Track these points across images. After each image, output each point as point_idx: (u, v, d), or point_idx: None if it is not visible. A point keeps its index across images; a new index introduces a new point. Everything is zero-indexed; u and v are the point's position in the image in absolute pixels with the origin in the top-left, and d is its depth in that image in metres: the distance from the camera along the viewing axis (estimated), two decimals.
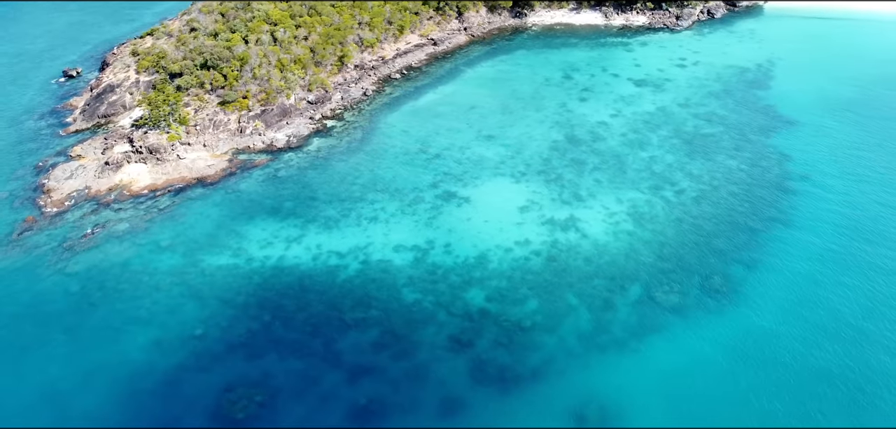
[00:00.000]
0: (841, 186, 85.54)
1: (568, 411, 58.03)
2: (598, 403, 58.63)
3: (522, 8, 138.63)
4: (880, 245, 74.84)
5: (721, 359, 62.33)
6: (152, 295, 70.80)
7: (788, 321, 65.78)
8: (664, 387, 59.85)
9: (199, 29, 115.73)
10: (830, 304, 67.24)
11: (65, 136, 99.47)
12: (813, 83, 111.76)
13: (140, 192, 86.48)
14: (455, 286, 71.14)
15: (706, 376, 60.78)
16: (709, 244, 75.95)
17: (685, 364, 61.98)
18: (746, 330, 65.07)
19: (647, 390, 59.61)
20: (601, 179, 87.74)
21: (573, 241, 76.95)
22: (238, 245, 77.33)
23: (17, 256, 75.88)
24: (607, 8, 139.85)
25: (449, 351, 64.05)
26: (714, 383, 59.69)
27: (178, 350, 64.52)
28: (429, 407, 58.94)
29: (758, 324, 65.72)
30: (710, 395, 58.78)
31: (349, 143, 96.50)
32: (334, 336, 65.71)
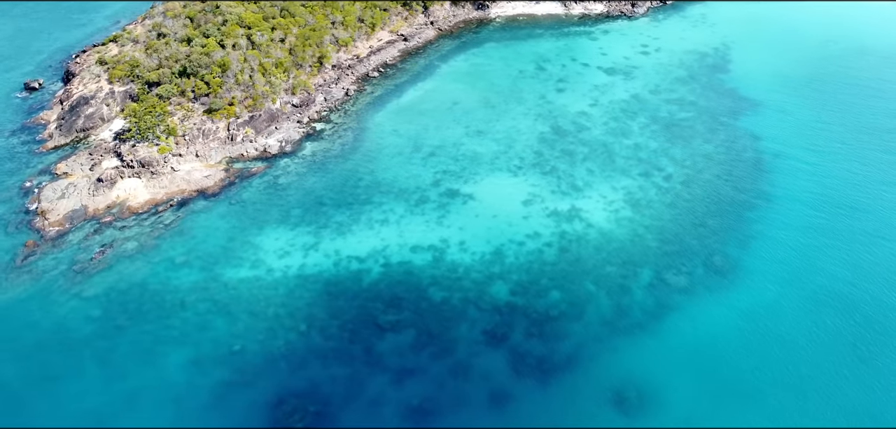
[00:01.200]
0: (810, 160, 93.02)
1: (608, 394, 62.29)
2: (634, 383, 63.03)
3: (485, 0, 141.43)
4: (856, 211, 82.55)
5: (734, 334, 67.97)
6: (179, 313, 70.80)
7: (787, 294, 71.99)
8: (690, 363, 64.88)
9: (169, 35, 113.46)
10: (820, 273, 73.85)
11: (43, 153, 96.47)
12: (768, 64, 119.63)
13: (140, 208, 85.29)
14: (478, 283, 74.09)
15: (724, 349, 66.22)
16: (704, 225, 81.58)
17: (704, 340, 67.19)
18: (752, 305, 70.91)
19: (675, 368, 64.52)
20: (593, 169, 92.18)
21: (580, 231, 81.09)
22: (255, 256, 77.79)
23: (26, 283, 74.15)
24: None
25: (485, 346, 67.10)
26: (733, 355, 65.26)
27: (219, 367, 65.12)
28: (478, 402, 61.92)
29: (761, 299, 71.69)
30: (731, 367, 64.29)
31: (342, 145, 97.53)
32: (372, 340, 67.68)
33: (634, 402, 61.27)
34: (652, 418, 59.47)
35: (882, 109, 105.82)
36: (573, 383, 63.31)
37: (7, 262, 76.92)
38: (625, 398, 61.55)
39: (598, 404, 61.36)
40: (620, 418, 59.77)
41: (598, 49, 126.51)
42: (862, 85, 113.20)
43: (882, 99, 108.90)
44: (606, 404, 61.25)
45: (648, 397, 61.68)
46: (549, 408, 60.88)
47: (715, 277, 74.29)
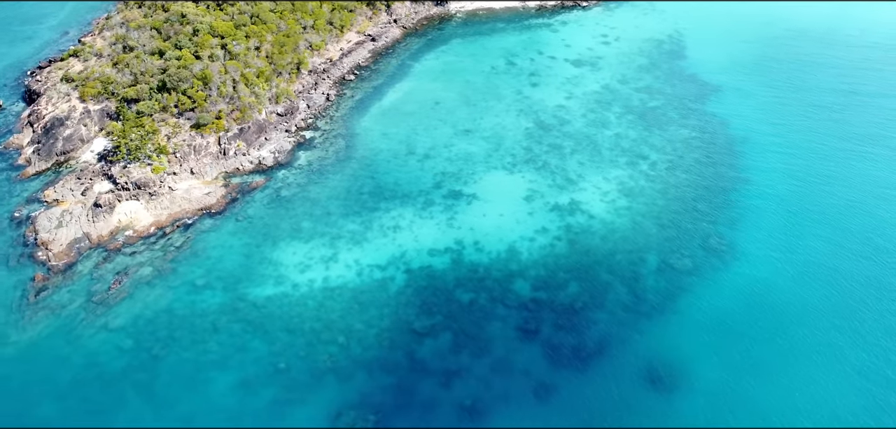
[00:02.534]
0: (777, 138, 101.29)
1: (642, 374, 67.46)
2: (663, 361, 68.43)
3: None
4: (828, 182, 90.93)
5: (741, 309, 74.40)
6: (213, 337, 71.31)
7: (779, 269, 79.12)
8: (708, 339, 70.90)
9: (137, 47, 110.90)
10: (805, 247, 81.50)
11: (25, 180, 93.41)
12: (719, 49, 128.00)
13: (146, 231, 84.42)
14: (500, 281, 77.80)
15: (735, 324, 72.55)
16: (695, 209, 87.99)
17: (716, 317, 73.34)
18: (751, 281, 77.73)
19: (696, 344, 70.42)
20: (583, 161, 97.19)
21: (584, 223, 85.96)
22: (276, 273, 78.73)
23: (46, 319, 72.73)
24: None
25: (520, 341, 70.99)
26: (744, 328, 71.59)
27: (268, 387, 66.38)
28: (526, 396, 65.84)
29: (758, 275, 78.53)
30: (744, 339, 70.57)
31: (336, 153, 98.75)
32: (412, 346, 70.39)
33: (667, 379, 66.47)
34: (686, 393, 64.80)
35: (826, 85, 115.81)
36: (608, 367, 67.93)
37: (18, 299, 74.99)
38: (658, 376, 66.65)
39: (634, 384, 66.21)
40: (658, 396, 64.67)
41: (560, 41, 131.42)
42: (805, 64, 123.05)
43: (824, 76, 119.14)
44: (642, 384, 66.23)
45: (678, 373, 67.05)
46: (592, 394, 65.27)
47: (714, 257, 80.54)
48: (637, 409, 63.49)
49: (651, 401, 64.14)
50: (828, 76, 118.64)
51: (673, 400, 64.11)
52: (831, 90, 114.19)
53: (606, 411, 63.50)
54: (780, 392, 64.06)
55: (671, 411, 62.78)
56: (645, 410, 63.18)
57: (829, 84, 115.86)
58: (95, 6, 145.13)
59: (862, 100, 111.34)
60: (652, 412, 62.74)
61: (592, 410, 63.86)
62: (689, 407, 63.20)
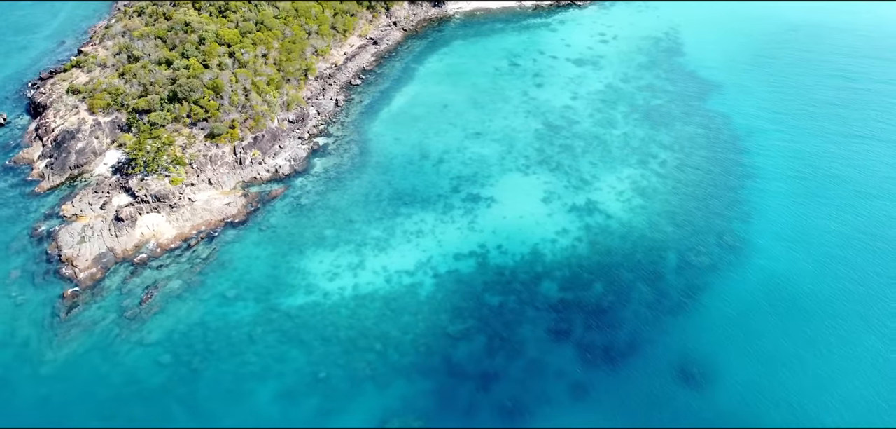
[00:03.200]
0: (779, 133, 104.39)
1: (674, 371, 69.75)
2: (693, 358, 70.78)
3: None
4: (832, 176, 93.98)
5: (762, 303, 77.09)
6: (251, 348, 72.15)
7: (795, 263, 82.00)
8: (733, 334, 73.37)
9: (142, 57, 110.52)
10: (817, 240, 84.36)
11: (40, 195, 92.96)
12: (716, 46, 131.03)
13: (170, 244, 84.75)
14: (527, 283, 79.62)
15: (758, 318, 75.13)
16: (708, 207, 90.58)
17: (739, 312, 75.98)
18: (769, 276, 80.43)
19: (723, 340, 72.84)
20: (594, 161, 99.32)
21: (602, 223, 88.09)
22: (306, 282, 79.67)
23: (79, 336, 72.92)
24: None
25: (552, 343, 72.94)
26: (766, 323, 74.14)
27: (310, 397, 67.52)
28: (561, 396, 67.81)
29: (775, 269, 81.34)
30: (767, 333, 73.09)
31: (351, 159, 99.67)
32: (448, 350, 71.93)
33: (699, 376, 68.87)
34: (719, 388, 67.23)
35: (823, 78, 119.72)
36: (640, 366, 70.13)
37: (50, 316, 74.98)
38: (690, 373, 69.02)
39: (667, 381, 68.48)
40: (692, 392, 67.04)
41: (560, 40, 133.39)
42: (800, 59, 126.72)
43: (819, 71, 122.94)
44: (675, 381, 68.51)
45: (709, 369, 69.51)
46: (627, 393, 67.41)
47: (730, 253, 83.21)
48: (673, 406, 65.67)
49: (686, 398, 66.36)
50: (823, 71, 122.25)
51: (707, 396, 66.39)
52: (828, 83, 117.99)
53: (643, 409, 65.56)
54: (812, 384, 66.77)
55: (707, 408, 65.12)
56: (681, 407, 65.41)
57: (824, 79, 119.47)
58: (89, 14, 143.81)
59: (858, 91, 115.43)
60: (688, 409, 65.02)
61: (629, 408, 65.89)
62: (725, 402, 65.60)
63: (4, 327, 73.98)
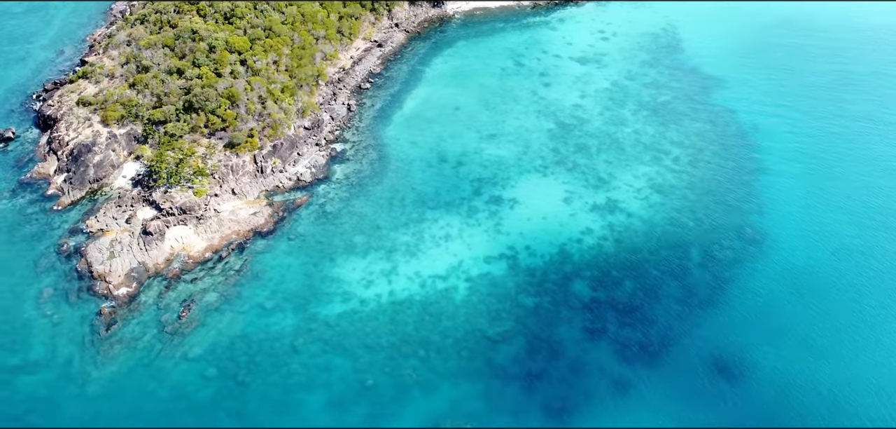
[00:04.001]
0: (785, 126, 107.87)
1: (710, 364, 72.38)
2: (726, 351, 73.41)
3: None
4: (839, 164, 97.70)
5: (787, 294, 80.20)
6: (295, 358, 73.12)
7: (814, 253, 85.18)
8: (762, 324, 76.19)
9: (152, 66, 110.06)
10: (832, 229, 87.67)
11: (61, 211, 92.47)
12: (713, 40, 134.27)
13: (202, 256, 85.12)
14: (559, 284, 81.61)
15: (785, 308, 78.02)
16: (724, 201, 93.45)
17: (766, 303, 78.88)
18: (790, 267, 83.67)
19: (753, 330, 75.73)
20: (610, 160, 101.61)
21: (624, 221, 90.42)
22: (341, 290, 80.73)
23: (122, 353, 73.24)
24: None
25: (589, 341, 75.07)
26: (793, 312, 77.07)
27: (359, 404, 68.77)
28: (605, 393, 69.96)
29: (795, 261, 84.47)
30: (796, 323, 76.01)
31: (370, 165, 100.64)
32: (489, 353, 73.66)
33: (734, 368, 71.60)
34: (755, 379, 69.94)
35: (819, 69, 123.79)
36: (677, 360, 72.63)
37: (89, 334, 75.07)
38: (726, 366, 71.70)
39: (704, 375, 71.10)
40: (729, 384, 69.64)
41: (561, 39, 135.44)
42: (796, 51, 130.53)
43: (815, 60, 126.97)
44: (712, 374, 71.15)
45: (743, 361, 72.21)
46: (667, 387, 69.80)
47: (751, 247, 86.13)
48: (713, 398, 68.28)
49: (724, 389, 68.97)
50: (818, 60, 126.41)
51: (745, 387, 69.04)
52: (824, 73, 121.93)
53: (686, 402, 68.00)
54: (844, 372, 69.79)
55: (746, 399, 67.82)
56: (722, 399, 68.00)
57: (820, 68, 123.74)
58: (83, 22, 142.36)
59: (853, 80, 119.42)
60: (729, 401, 67.65)
61: (671, 402, 68.25)
62: (763, 393, 68.30)
63: (44, 347, 73.84)
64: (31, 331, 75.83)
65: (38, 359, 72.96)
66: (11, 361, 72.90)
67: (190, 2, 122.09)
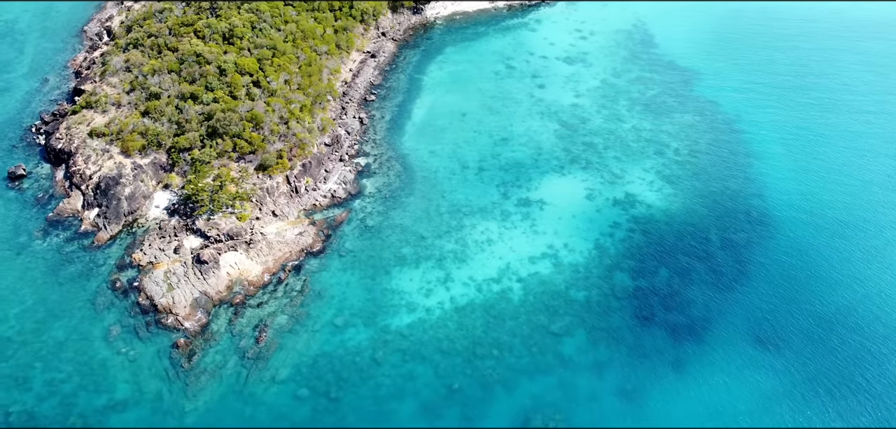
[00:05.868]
0: (765, 116, 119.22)
1: (750, 337, 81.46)
2: (761, 324, 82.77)
3: (418, 4, 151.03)
4: (819, 148, 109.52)
5: (802, 266, 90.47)
6: (378, 370, 77.76)
7: (814, 227, 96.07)
8: (786, 295, 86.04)
9: (161, 92, 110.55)
10: (824, 204, 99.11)
11: (101, 247, 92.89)
12: (681, 34, 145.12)
13: (261, 280, 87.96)
14: (602, 277, 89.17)
15: (800, 279, 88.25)
16: (727, 187, 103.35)
17: (785, 276, 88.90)
18: (799, 242, 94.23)
19: (780, 302, 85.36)
20: (618, 156, 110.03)
21: (646, 213, 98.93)
22: (404, 301, 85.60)
23: (209, 383, 75.85)
24: None
25: (642, 326, 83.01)
26: (811, 283, 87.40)
27: (450, 407, 74.26)
28: (666, 372, 77.96)
29: (802, 236, 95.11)
30: (813, 290, 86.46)
31: (397, 177, 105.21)
32: (557, 347, 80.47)
33: (772, 339, 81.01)
34: (791, 347, 79.56)
35: (781, 58, 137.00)
36: (722, 336, 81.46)
37: (171, 367, 77.21)
38: (765, 337, 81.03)
39: (748, 347, 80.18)
40: (772, 354, 79.01)
41: (543, 40, 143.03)
42: (756, 41, 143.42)
43: (775, 50, 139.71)
44: (754, 346, 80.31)
45: (778, 332, 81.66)
46: (718, 361, 78.43)
47: (760, 227, 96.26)
48: (762, 367, 77.33)
49: (769, 360, 78.26)
50: (777, 49, 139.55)
51: (786, 356, 78.62)
52: (784, 61, 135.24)
53: (736, 373, 76.83)
54: (871, 335, 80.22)
55: (790, 366, 77.27)
56: (769, 368, 77.17)
57: (780, 57, 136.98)
58: (58, 47, 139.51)
59: (812, 66, 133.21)
60: (778, 369, 76.84)
61: (725, 374, 76.99)
62: (802, 360, 78.02)
63: (128, 384, 75.49)
64: (110, 370, 77.02)
65: (126, 397, 74.39)
66: (98, 401, 74.12)
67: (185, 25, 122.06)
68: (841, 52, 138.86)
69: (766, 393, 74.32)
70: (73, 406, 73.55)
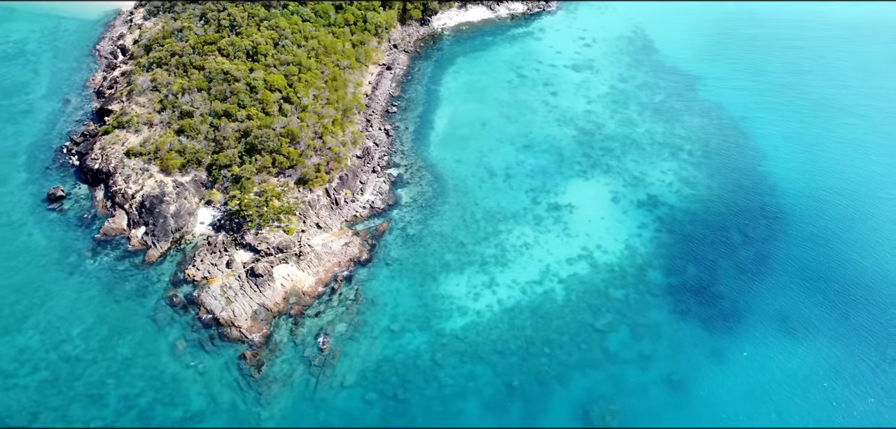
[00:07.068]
0: (767, 116, 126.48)
1: (779, 326, 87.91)
2: (787, 313, 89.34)
3: (426, 16, 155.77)
4: (819, 145, 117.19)
5: (818, 256, 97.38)
6: (440, 371, 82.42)
7: (826, 220, 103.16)
8: (806, 284, 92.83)
9: (192, 111, 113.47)
10: (832, 198, 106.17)
11: (153, 264, 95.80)
12: (680, 39, 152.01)
13: (315, 291, 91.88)
14: (637, 277, 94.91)
15: (819, 269, 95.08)
16: (742, 185, 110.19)
17: (802, 267, 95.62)
18: (813, 235, 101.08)
19: (801, 291, 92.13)
20: (636, 159, 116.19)
21: (669, 214, 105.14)
22: (455, 305, 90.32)
23: (282, 391, 79.63)
24: (488, 1, 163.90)
25: (679, 321, 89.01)
26: (827, 271, 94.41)
27: (514, 402, 79.30)
28: (708, 362, 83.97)
29: (814, 229, 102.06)
30: (832, 278, 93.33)
31: (430, 186, 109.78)
32: (602, 343, 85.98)
33: (798, 326, 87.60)
34: (818, 333, 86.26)
35: (774, 61, 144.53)
36: (753, 325, 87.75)
37: (241, 377, 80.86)
38: (792, 326, 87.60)
39: (777, 334, 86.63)
40: (800, 341, 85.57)
41: (549, 48, 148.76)
42: (751, 45, 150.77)
43: (768, 53, 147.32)
44: (784, 335, 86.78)
45: (803, 319, 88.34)
46: (754, 349, 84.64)
47: (776, 223, 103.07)
48: (793, 353, 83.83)
49: (799, 347, 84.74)
50: (770, 52, 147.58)
51: (814, 342, 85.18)
52: (777, 63, 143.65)
53: (772, 358, 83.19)
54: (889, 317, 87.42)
55: (818, 351, 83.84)
56: (801, 355, 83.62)
57: (773, 58, 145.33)
58: (73, 67, 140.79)
59: (803, 68, 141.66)
60: (806, 353, 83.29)
61: (758, 362, 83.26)
62: (829, 345, 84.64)
63: (202, 396, 78.93)
64: (181, 383, 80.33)
65: (202, 408, 77.85)
66: (175, 413, 77.48)
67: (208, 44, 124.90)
68: (829, 54, 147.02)
69: (802, 376, 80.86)
70: (151, 420, 76.61)
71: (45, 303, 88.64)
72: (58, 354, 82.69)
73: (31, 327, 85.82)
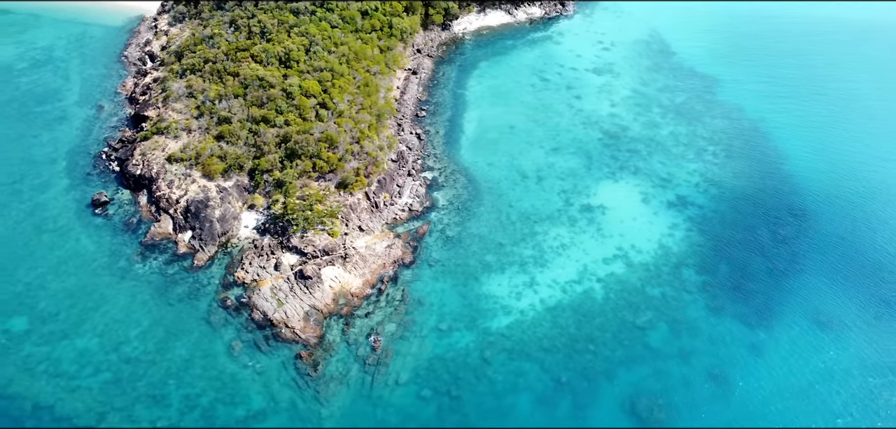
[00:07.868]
0: (785, 119, 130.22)
1: (812, 321, 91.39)
2: (819, 309, 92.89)
3: (447, 21, 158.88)
4: (840, 145, 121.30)
5: (846, 252, 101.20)
6: (490, 369, 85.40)
7: (850, 219, 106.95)
8: (836, 280, 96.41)
9: (230, 117, 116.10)
10: (855, 198, 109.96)
11: (202, 267, 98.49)
12: (695, 42, 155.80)
13: (363, 292, 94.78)
14: (672, 276, 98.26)
15: (848, 265, 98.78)
16: (767, 186, 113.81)
17: (832, 264, 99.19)
18: (838, 233, 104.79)
19: (831, 287, 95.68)
20: (662, 161, 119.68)
21: (698, 213, 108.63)
22: (499, 305, 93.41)
23: (339, 389, 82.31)
24: (506, 5, 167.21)
25: (715, 317, 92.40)
26: (856, 267, 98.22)
27: (563, 397, 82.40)
28: (746, 357, 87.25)
29: (839, 229, 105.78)
30: (861, 275, 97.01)
31: (465, 188, 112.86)
32: (643, 339, 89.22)
33: (830, 322, 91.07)
34: (849, 330, 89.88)
35: (788, 64, 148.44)
36: (786, 321, 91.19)
37: (299, 377, 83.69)
38: (825, 321, 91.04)
39: (811, 330, 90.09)
40: (832, 336, 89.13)
41: (569, 52, 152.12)
42: (763, 47, 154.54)
43: (782, 56, 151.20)
44: (817, 330, 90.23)
45: (835, 316, 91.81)
46: (788, 343, 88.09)
47: (803, 221, 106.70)
48: (826, 349, 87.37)
49: (830, 341, 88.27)
50: (785, 54, 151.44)
51: (847, 338, 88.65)
52: (791, 66, 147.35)
53: (808, 353, 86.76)
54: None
55: (852, 347, 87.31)
56: (832, 348, 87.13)
57: (786, 61, 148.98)
58: (102, 73, 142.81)
59: (817, 69, 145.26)
60: (838, 348, 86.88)
61: (793, 356, 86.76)
62: (861, 340, 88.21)
63: (261, 396, 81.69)
64: (241, 383, 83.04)
65: (263, 407, 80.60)
66: (238, 412, 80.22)
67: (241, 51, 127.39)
68: (842, 56, 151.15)
69: (838, 370, 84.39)
70: (215, 419, 79.26)
71: (100, 306, 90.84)
72: (118, 355, 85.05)
73: (88, 330, 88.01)
